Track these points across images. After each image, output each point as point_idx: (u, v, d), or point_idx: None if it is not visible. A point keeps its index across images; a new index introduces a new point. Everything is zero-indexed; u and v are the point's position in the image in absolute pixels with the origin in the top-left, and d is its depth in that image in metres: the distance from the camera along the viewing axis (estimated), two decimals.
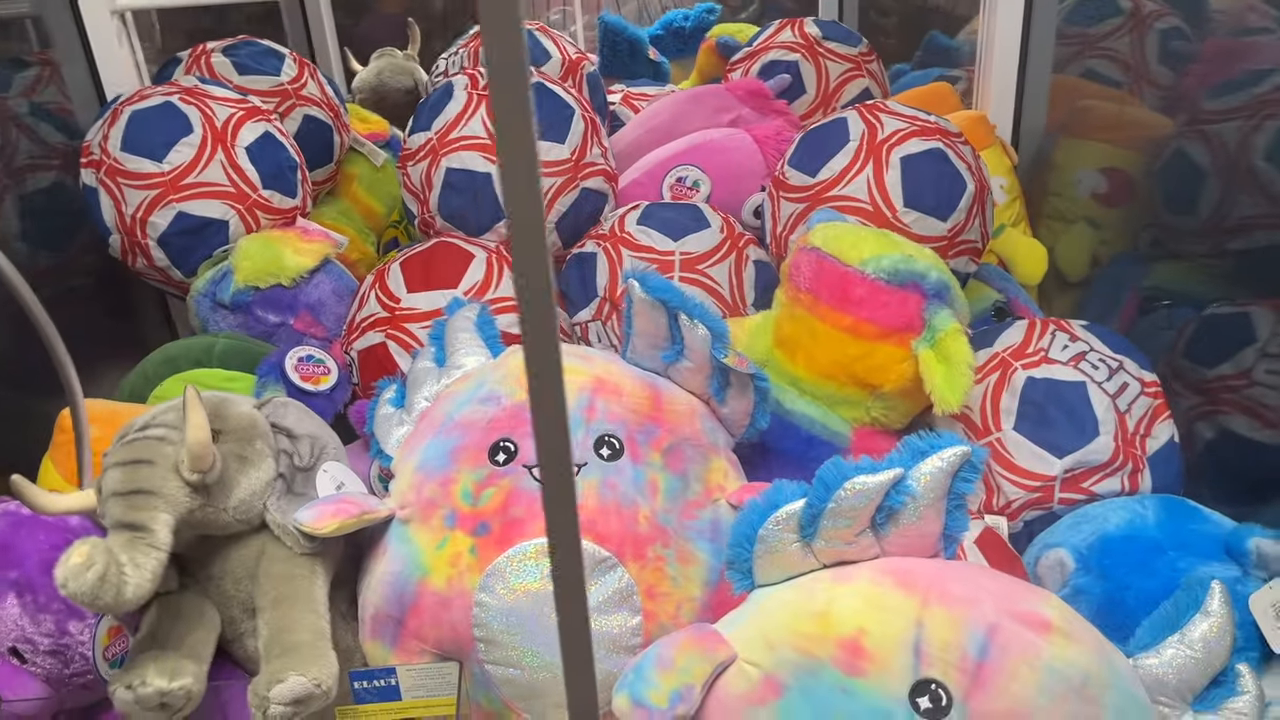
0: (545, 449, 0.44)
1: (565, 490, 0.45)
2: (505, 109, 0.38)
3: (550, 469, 0.45)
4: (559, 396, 0.43)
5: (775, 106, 1.88)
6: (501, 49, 0.37)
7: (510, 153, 0.38)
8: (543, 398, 0.43)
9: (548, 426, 0.44)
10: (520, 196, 0.39)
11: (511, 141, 0.38)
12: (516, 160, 0.39)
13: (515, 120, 0.38)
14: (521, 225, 0.40)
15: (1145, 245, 1.73)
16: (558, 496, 0.45)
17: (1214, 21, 1.79)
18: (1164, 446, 1.21)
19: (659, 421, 1.12)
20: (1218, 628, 0.86)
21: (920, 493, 0.87)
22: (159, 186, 1.49)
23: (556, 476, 0.45)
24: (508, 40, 0.37)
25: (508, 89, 0.37)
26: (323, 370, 1.40)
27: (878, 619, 0.84)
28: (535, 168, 0.39)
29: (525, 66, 0.37)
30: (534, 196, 0.39)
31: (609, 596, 1.01)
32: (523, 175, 0.39)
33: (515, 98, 0.37)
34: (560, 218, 1.55)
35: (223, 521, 1.06)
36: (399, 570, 1.07)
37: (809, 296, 1.25)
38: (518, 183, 0.39)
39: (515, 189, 0.39)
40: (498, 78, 0.37)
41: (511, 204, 0.39)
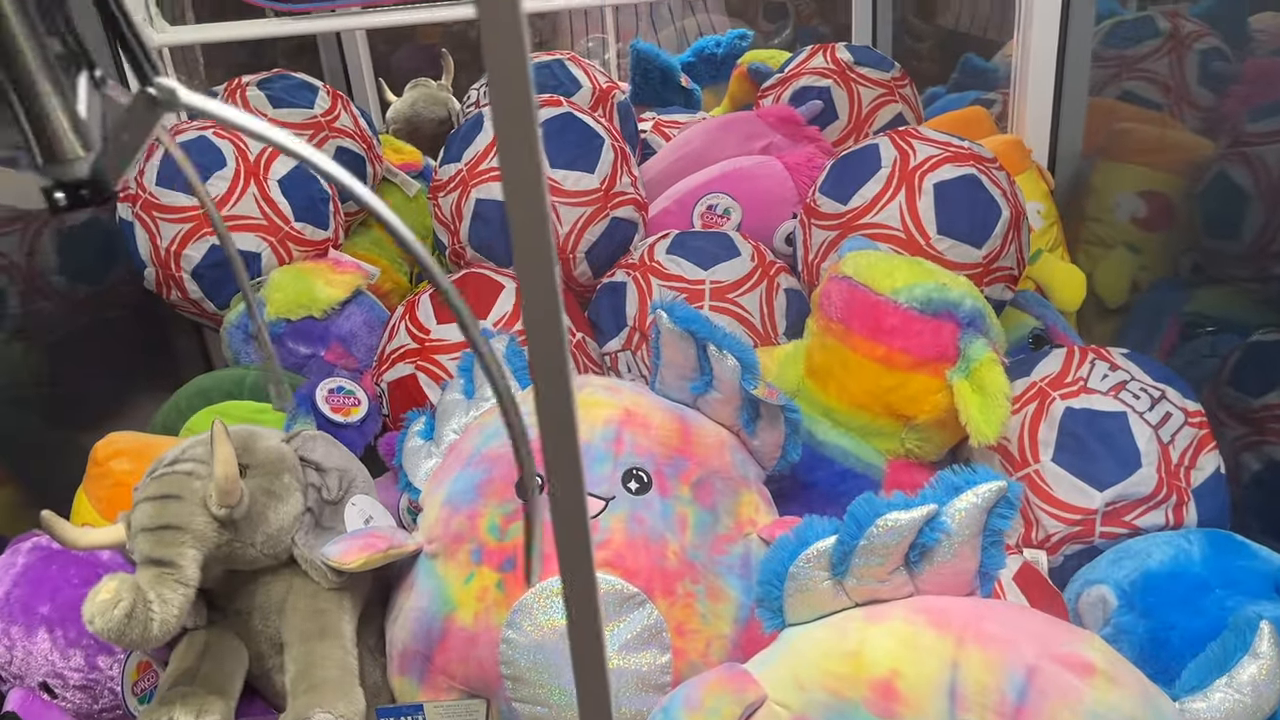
0: (561, 484, 0.43)
1: (579, 527, 0.44)
2: (511, 142, 0.37)
3: (564, 507, 0.43)
4: (573, 442, 0.42)
5: (807, 133, 1.87)
6: (506, 85, 0.36)
7: (516, 190, 0.38)
8: (557, 444, 0.42)
9: (561, 466, 0.43)
10: (529, 244, 0.38)
11: (518, 177, 0.37)
12: (523, 199, 0.38)
13: (521, 155, 0.37)
14: (529, 272, 0.39)
15: (1187, 270, 1.69)
16: (571, 534, 0.44)
17: (1255, 41, 1.76)
18: (1210, 478, 1.18)
19: (688, 454, 1.10)
20: (1267, 670, 0.83)
21: (955, 530, 0.84)
22: (193, 220, 1.50)
23: (570, 513, 0.44)
24: (512, 76, 0.36)
25: (513, 123, 0.36)
26: (353, 402, 1.40)
27: (911, 660, 0.82)
28: (544, 207, 0.38)
29: (531, 103, 0.36)
30: (543, 241, 0.38)
31: (637, 634, 0.99)
32: (533, 223, 0.38)
33: (521, 131, 0.37)
34: (590, 247, 1.54)
35: (250, 556, 1.06)
36: (426, 606, 1.06)
37: (840, 326, 1.23)
38: (527, 232, 0.38)
39: (524, 239, 0.38)
40: (502, 113, 0.36)
41: (520, 250, 0.38)
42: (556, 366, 0.41)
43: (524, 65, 0.36)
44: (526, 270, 0.39)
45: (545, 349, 0.40)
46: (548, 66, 1.96)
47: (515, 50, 0.35)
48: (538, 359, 0.41)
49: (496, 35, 0.35)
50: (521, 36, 0.35)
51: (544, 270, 0.39)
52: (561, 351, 0.40)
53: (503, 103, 0.36)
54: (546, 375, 0.41)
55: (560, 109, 1.57)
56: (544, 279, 0.39)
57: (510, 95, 0.36)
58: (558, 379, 0.41)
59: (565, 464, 0.43)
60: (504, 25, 0.35)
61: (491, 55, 0.36)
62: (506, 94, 0.36)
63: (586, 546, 0.45)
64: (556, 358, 0.41)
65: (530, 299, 0.39)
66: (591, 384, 1.18)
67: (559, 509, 0.44)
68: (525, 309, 0.40)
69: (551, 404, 0.41)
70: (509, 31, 0.35)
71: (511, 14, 0.35)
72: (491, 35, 0.35)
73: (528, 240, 0.38)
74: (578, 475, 0.44)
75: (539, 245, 0.39)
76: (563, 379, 0.41)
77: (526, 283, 0.39)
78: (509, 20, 0.35)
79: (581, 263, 1.55)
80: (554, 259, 0.39)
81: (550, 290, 0.39)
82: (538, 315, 0.40)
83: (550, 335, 0.40)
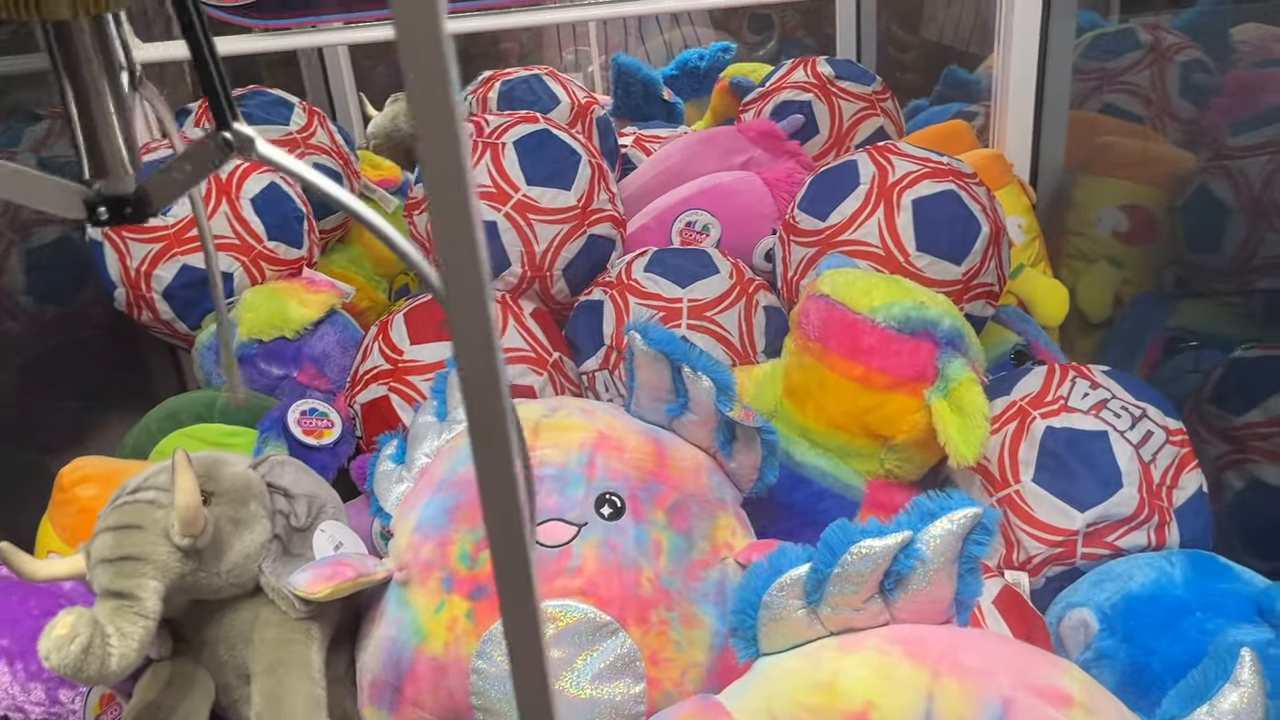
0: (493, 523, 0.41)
1: (521, 563, 0.42)
2: (438, 172, 0.35)
3: (502, 546, 0.42)
4: (509, 470, 0.40)
5: (788, 148, 1.86)
6: (429, 112, 0.34)
7: (446, 224, 0.36)
8: (493, 471, 0.40)
9: (498, 497, 0.41)
10: (460, 273, 0.36)
11: (447, 207, 0.36)
12: (454, 236, 0.36)
13: (449, 179, 0.35)
14: (460, 306, 0.37)
15: (1169, 285, 1.68)
16: (511, 572, 0.42)
17: (1238, 53, 1.76)
18: (1192, 498, 1.17)
19: (663, 478, 1.08)
20: (1249, 699, 0.81)
21: (930, 557, 0.83)
22: (163, 240, 1.48)
23: (509, 556, 0.42)
24: (435, 103, 0.34)
25: (440, 147, 0.35)
26: (326, 424, 1.38)
27: (886, 691, 0.80)
28: (478, 249, 0.36)
29: (457, 126, 0.34)
30: (475, 270, 0.36)
31: (611, 663, 0.97)
32: (464, 257, 0.36)
33: (449, 159, 0.35)
34: (567, 265, 1.52)
35: (216, 586, 1.04)
36: (396, 635, 1.04)
37: (818, 345, 1.22)
38: (459, 266, 0.36)
39: (457, 271, 0.37)
40: (427, 140, 0.35)
41: (453, 279, 0.37)
42: (492, 404, 0.39)
43: (448, 92, 0.34)
44: (457, 298, 0.37)
45: (480, 384, 0.39)
46: (525, 82, 1.94)
47: (438, 75, 0.34)
48: (472, 394, 0.39)
49: (416, 58, 0.33)
50: (444, 59, 0.33)
51: (477, 297, 0.37)
52: (497, 384, 0.38)
53: (427, 128, 0.34)
54: (480, 403, 0.39)
55: (537, 125, 1.55)
56: (477, 305, 0.37)
57: (434, 122, 0.34)
58: (492, 408, 0.39)
59: (503, 494, 0.41)
60: (424, 47, 0.33)
61: (412, 80, 0.34)
62: (430, 120, 0.34)
63: (529, 582, 0.43)
64: (493, 398, 0.39)
65: (460, 327, 0.38)
66: (566, 406, 1.16)
67: (497, 543, 0.42)
68: (455, 337, 0.38)
69: (488, 438, 0.39)
70: (430, 54, 0.33)
71: (432, 34, 0.33)
72: (411, 58, 0.33)
73: (460, 269, 0.37)
74: (516, 507, 0.42)
75: (471, 273, 0.37)
76: (499, 411, 0.39)
77: (456, 314, 0.38)
78: (430, 41, 0.33)
79: (559, 280, 1.53)
80: (487, 285, 0.37)
81: (484, 317, 0.37)
82: (469, 341, 0.38)
83: (485, 365, 0.38)
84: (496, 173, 1.49)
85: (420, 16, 0.33)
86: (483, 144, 1.51)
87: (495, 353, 0.38)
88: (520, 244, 1.48)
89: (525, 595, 0.43)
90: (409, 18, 0.33)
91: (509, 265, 1.49)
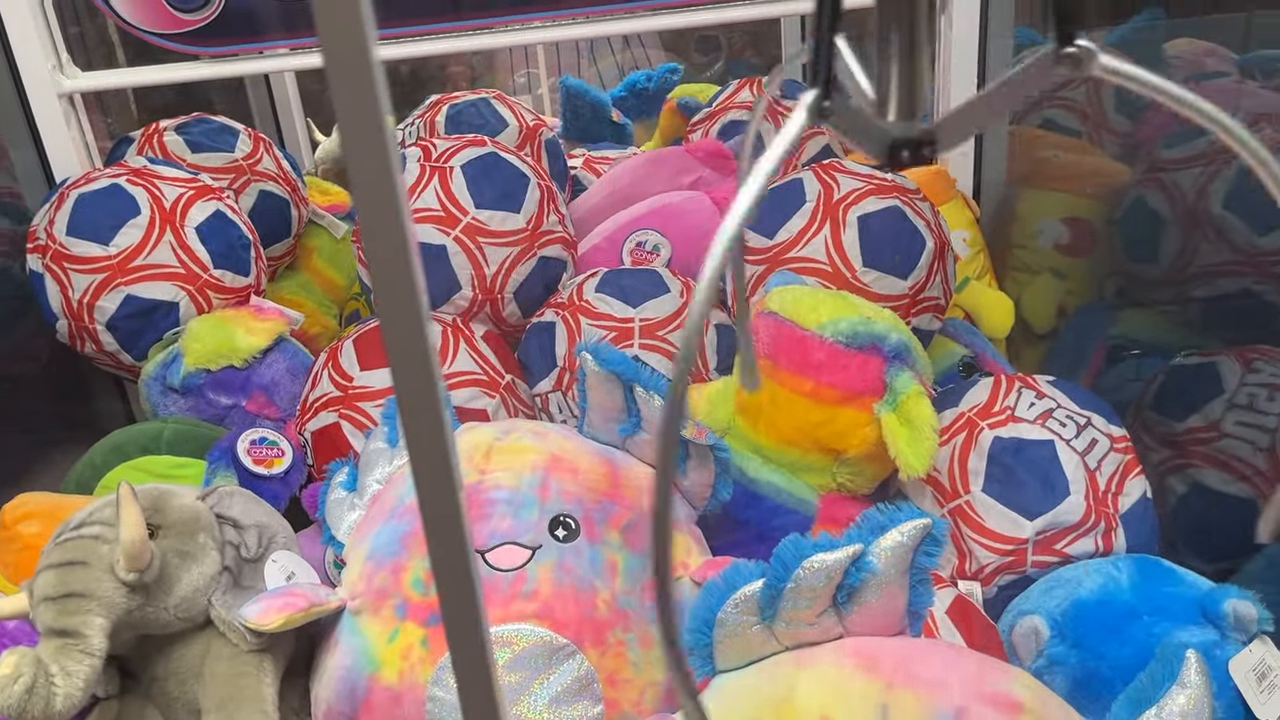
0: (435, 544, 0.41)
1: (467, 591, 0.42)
2: (369, 194, 0.35)
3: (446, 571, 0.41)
4: (452, 490, 0.40)
5: (735, 167, 1.87)
6: (360, 140, 0.34)
7: (379, 254, 0.36)
8: (434, 491, 0.40)
9: (440, 516, 0.41)
10: (393, 304, 0.37)
11: (378, 234, 0.36)
12: (387, 267, 0.36)
13: (380, 205, 0.35)
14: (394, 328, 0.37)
15: (1111, 294, 1.72)
16: (458, 599, 0.42)
17: (1172, 67, 1.80)
18: (1136, 503, 1.19)
19: (617, 498, 1.08)
20: (1195, 700, 0.83)
21: (881, 569, 0.84)
22: (106, 270, 1.46)
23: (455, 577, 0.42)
24: (367, 131, 0.34)
25: (370, 175, 0.35)
26: (276, 453, 1.37)
27: (842, 705, 0.81)
28: (414, 280, 0.36)
29: (389, 150, 0.34)
30: (412, 300, 0.36)
31: (568, 686, 0.97)
32: (399, 287, 0.37)
33: (380, 182, 0.35)
34: (518, 287, 1.52)
35: (164, 620, 1.02)
36: (350, 664, 1.02)
37: (768, 362, 1.22)
38: (392, 297, 0.37)
39: (389, 303, 0.37)
40: (358, 166, 0.35)
41: (384, 305, 0.37)
42: (429, 421, 0.39)
43: (380, 120, 0.34)
44: (391, 321, 0.37)
45: (419, 409, 0.39)
46: (473, 105, 1.94)
47: (367, 102, 0.34)
48: (407, 404, 0.39)
49: (346, 85, 0.34)
50: (374, 86, 0.34)
51: (413, 321, 0.37)
52: (437, 408, 0.38)
53: (357, 154, 0.34)
54: (418, 422, 0.39)
55: (485, 149, 1.55)
56: (411, 326, 0.37)
57: (365, 148, 0.34)
58: (431, 423, 0.39)
59: (444, 513, 0.41)
60: (353, 73, 0.33)
61: (342, 107, 0.34)
62: (360, 146, 0.34)
63: (475, 609, 0.43)
64: (431, 416, 0.39)
65: (396, 346, 0.37)
66: (518, 429, 1.15)
67: (440, 564, 0.42)
68: (393, 364, 0.38)
69: (427, 458, 0.39)
70: (359, 81, 0.33)
71: (361, 61, 0.33)
72: (341, 85, 0.34)
73: (394, 292, 0.37)
74: (459, 527, 0.41)
75: (406, 296, 0.37)
76: (438, 428, 0.39)
77: (391, 337, 0.38)
78: (359, 67, 0.33)
79: (510, 303, 1.53)
80: (423, 306, 0.37)
81: (419, 332, 0.37)
82: (404, 362, 0.38)
83: (421, 386, 0.38)
84: (445, 196, 1.48)
85: (348, 43, 0.33)
86: (431, 168, 1.51)
87: (435, 379, 0.38)
88: (470, 267, 1.48)
89: (471, 617, 0.43)
90: (337, 44, 0.33)
91: (459, 289, 1.49)
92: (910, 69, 0.44)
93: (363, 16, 0.33)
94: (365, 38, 0.33)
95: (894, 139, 0.45)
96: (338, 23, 0.33)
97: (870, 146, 0.45)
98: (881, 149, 0.45)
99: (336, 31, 0.33)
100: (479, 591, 0.43)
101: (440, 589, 0.42)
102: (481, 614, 0.43)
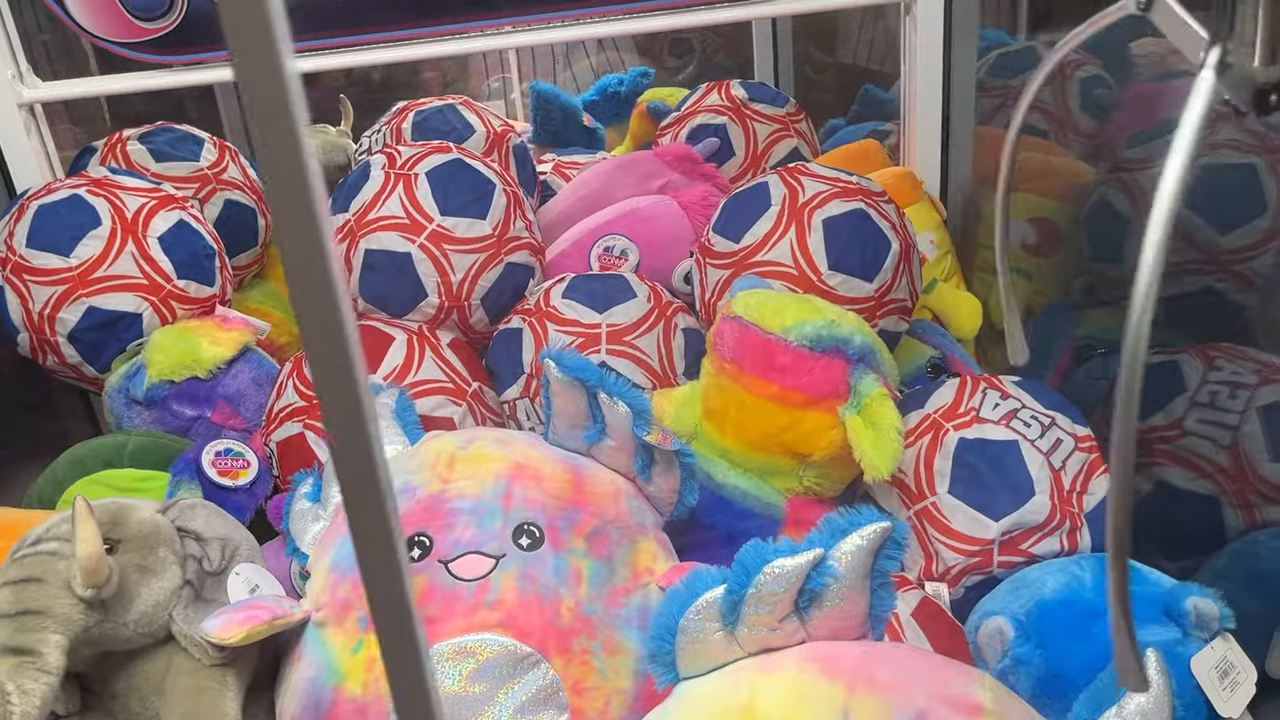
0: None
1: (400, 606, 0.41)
2: (287, 211, 0.35)
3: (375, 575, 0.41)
4: (377, 488, 0.39)
5: (703, 170, 1.87)
6: (276, 155, 0.34)
7: (298, 255, 0.35)
8: (359, 486, 0.40)
9: (366, 516, 0.40)
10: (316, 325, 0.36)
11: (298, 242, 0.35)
12: (307, 280, 0.36)
13: (301, 221, 0.35)
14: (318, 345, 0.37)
15: (1078, 294, 1.73)
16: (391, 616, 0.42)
17: (1138, 68, 1.82)
18: (1101, 503, 1.19)
19: (582, 505, 1.08)
20: (1155, 699, 0.83)
21: (842, 573, 0.84)
22: (67, 281, 1.44)
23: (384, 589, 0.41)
24: (282, 145, 0.34)
25: (288, 192, 0.34)
26: (242, 464, 1.36)
27: (803, 710, 0.80)
28: (336, 295, 0.36)
29: (306, 165, 0.34)
30: (335, 322, 0.36)
31: (533, 695, 0.96)
32: (321, 305, 0.36)
33: (298, 197, 0.34)
34: (485, 294, 1.52)
35: (124, 636, 1.01)
36: (314, 676, 1.02)
37: (733, 366, 1.23)
38: (313, 313, 0.36)
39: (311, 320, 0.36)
40: (274, 183, 0.34)
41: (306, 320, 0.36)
42: (353, 421, 0.38)
43: (295, 133, 0.34)
44: (313, 334, 0.37)
45: (340, 406, 0.38)
46: (440, 111, 1.93)
47: (282, 114, 0.33)
48: (330, 416, 0.38)
49: (259, 98, 0.33)
50: (288, 98, 0.33)
51: (336, 333, 0.37)
52: (360, 408, 0.38)
53: (274, 170, 0.34)
54: (341, 428, 0.38)
55: (450, 155, 1.55)
56: (334, 337, 0.37)
57: (282, 165, 0.34)
58: (355, 429, 0.38)
59: (371, 513, 0.40)
60: (266, 86, 0.33)
61: (257, 120, 0.33)
62: (278, 164, 0.34)
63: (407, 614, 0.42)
64: (354, 416, 0.38)
65: (316, 353, 0.37)
66: (482, 437, 1.15)
67: (369, 575, 0.41)
68: (317, 383, 0.38)
69: (350, 454, 0.39)
70: (272, 93, 0.33)
71: (273, 74, 0.33)
72: (253, 97, 0.33)
73: (312, 297, 0.36)
74: (388, 529, 0.41)
75: (325, 299, 0.36)
76: (361, 431, 0.39)
77: (315, 352, 0.37)
78: (271, 80, 0.33)
79: (477, 310, 1.53)
80: (346, 315, 0.37)
81: (341, 343, 0.37)
82: (326, 363, 0.37)
83: (344, 389, 0.38)
84: (410, 204, 1.48)
85: (260, 55, 0.33)
86: (395, 175, 1.50)
87: (361, 396, 0.38)
88: (436, 274, 1.47)
89: (406, 631, 0.42)
90: (248, 57, 0.33)
91: (426, 296, 1.48)
92: (1276, 12, 0.43)
93: (274, 29, 0.33)
94: (277, 49, 0.33)
95: (1259, 85, 0.43)
96: (249, 36, 0.33)
97: (1238, 94, 0.44)
98: (1248, 96, 0.44)
99: (247, 45, 0.33)
100: (412, 602, 0.42)
101: (372, 606, 0.41)
102: (417, 626, 0.42)
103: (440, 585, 1.00)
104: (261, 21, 0.33)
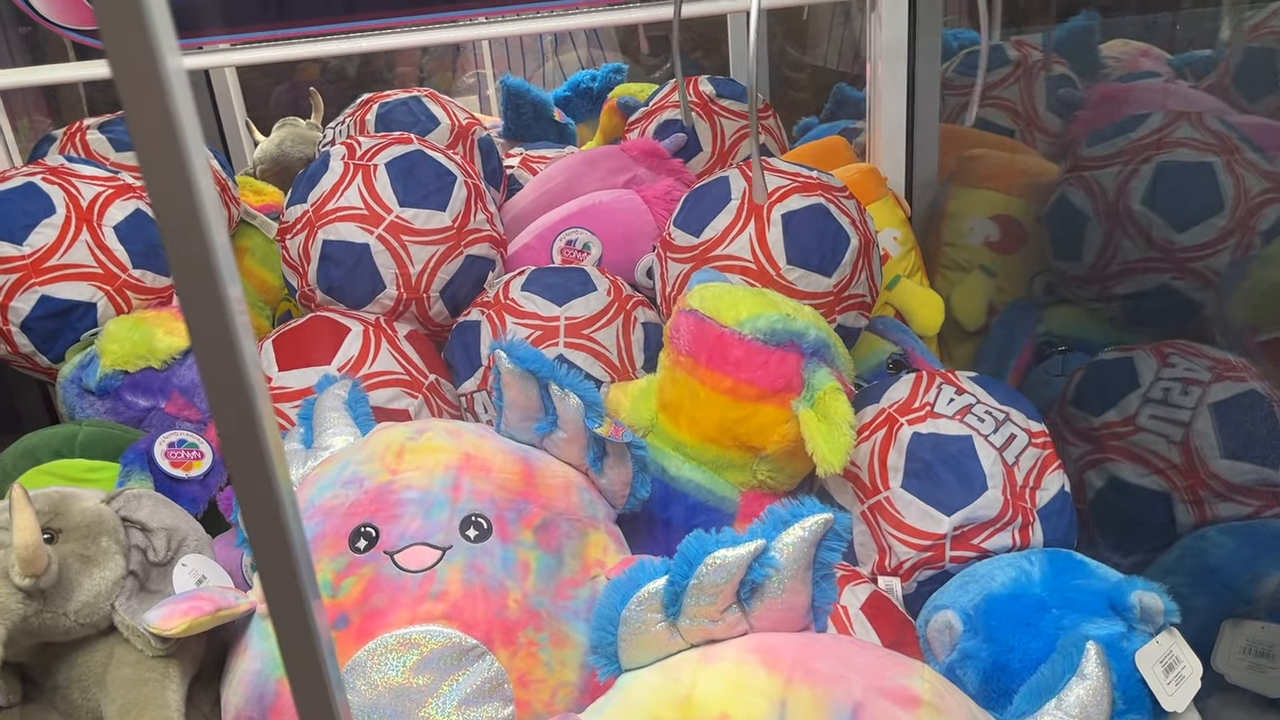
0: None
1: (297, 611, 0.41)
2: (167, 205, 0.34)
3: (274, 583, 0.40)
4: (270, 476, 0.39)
5: (670, 166, 1.87)
6: (153, 150, 0.33)
7: (181, 259, 0.35)
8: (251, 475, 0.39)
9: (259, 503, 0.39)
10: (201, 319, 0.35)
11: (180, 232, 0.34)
12: (189, 271, 0.35)
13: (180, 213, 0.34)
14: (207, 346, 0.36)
15: (1040, 292, 1.73)
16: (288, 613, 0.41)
17: (1106, 68, 1.82)
18: (1054, 498, 1.19)
19: (531, 497, 1.07)
20: (1094, 691, 0.83)
21: (783, 565, 0.83)
22: (20, 270, 1.43)
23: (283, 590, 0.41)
24: (160, 142, 0.33)
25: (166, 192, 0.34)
26: (195, 455, 1.34)
27: (741, 702, 0.80)
28: (222, 287, 0.35)
29: (186, 164, 0.33)
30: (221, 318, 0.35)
31: (478, 687, 0.96)
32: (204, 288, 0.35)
33: (179, 196, 0.34)
34: (444, 286, 1.51)
35: (64, 627, 1.00)
36: (259, 669, 1.01)
37: (689, 359, 1.22)
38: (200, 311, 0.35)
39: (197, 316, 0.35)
40: (153, 181, 0.34)
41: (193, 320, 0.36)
42: (243, 414, 0.38)
43: (173, 129, 0.33)
44: (198, 325, 0.36)
45: (228, 400, 0.38)
46: (404, 104, 1.92)
47: (158, 110, 0.33)
48: (217, 402, 0.38)
49: (135, 94, 0.32)
50: (163, 94, 0.32)
51: (219, 321, 0.36)
52: (249, 399, 0.37)
53: (151, 166, 0.33)
54: (232, 422, 0.38)
55: (410, 147, 1.54)
56: (217, 324, 0.36)
57: (159, 160, 0.33)
58: (246, 425, 0.38)
59: (264, 502, 0.40)
60: (142, 81, 0.32)
61: (132, 117, 0.33)
62: (154, 159, 0.33)
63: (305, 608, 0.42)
64: (243, 407, 0.38)
65: (202, 346, 0.36)
66: (432, 428, 1.14)
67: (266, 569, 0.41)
68: (198, 353, 0.37)
69: (240, 446, 0.38)
70: (149, 89, 0.32)
71: (151, 70, 0.32)
72: (129, 93, 0.32)
73: (193, 280, 0.36)
74: (284, 529, 0.40)
75: (207, 285, 0.36)
76: (252, 425, 0.38)
77: (200, 341, 0.37)
78: (149, 76, 0.32)
79: (436, 302, 1.52)
80: (230, 306, 0.36)
81: (223, 323, 0.36)
82: (211, 353, 0.37)
83: (231, 379, 0.37)
84: (369, 195, 1.47)
85: (136, 49, 0.32)
86: (354, 166, 1.49)
87: (245, 369, 0.37)
88: (395, 266, 1.46)
89: (303, 627, 0.42)
90: (123, 52, 0.32)
91: (384, 288, 1.47)
92: None
93: (152, 24, 0.32)
94: (156, 44, 0.32)
95: None
96: (125, 31, 0.32)
97: None
98: None
99: (123, 40, 0.32)
100: (311, 601, 0.42)
101: (270, 602, 0.41)
102: (314, 623, 0.42)
103: (386, 576, 0.99)
104: (137, 17, 0.32)
